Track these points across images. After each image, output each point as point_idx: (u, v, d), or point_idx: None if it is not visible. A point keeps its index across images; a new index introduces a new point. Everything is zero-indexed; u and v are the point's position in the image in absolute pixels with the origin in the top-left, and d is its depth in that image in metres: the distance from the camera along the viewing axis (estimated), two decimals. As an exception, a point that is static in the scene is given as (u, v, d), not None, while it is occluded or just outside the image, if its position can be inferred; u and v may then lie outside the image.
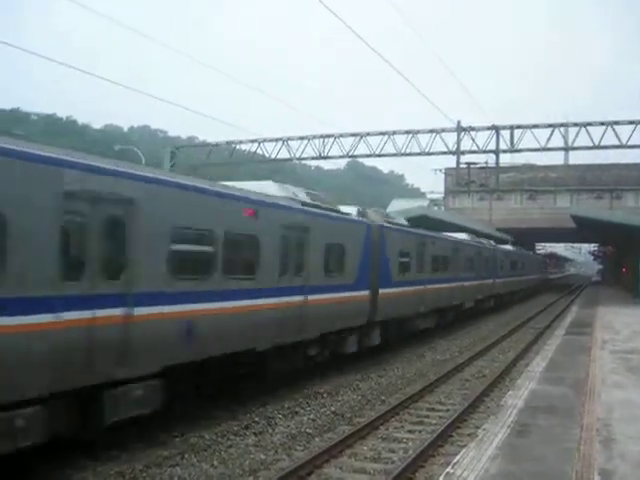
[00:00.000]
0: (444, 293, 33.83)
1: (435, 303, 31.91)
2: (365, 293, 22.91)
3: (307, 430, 14.81)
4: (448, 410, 17.27)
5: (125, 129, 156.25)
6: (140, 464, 11.86)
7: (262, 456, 12.79)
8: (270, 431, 14.61)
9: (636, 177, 74.69)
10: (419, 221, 42.80)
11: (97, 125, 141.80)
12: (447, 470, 9.66)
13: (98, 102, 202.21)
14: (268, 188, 18.46)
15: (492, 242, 50.21)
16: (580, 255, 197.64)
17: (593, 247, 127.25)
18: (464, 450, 10.83)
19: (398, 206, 76.95)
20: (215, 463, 12.26)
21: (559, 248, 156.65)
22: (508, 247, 59.62)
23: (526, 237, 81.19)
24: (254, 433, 14.36)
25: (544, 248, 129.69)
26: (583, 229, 60.54)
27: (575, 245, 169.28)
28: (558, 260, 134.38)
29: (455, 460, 10.18)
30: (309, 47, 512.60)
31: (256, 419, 15.37)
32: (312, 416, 16.03)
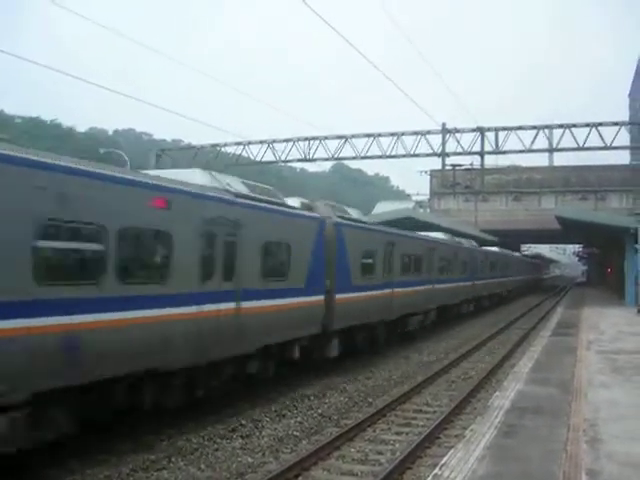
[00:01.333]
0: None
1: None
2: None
3: (294, 433, 14.79)
4: (435, 411, 17.27)
5: (110, 132, 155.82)
6: (127, 468, 11.83)
7: (249, 459, 12.77)
8: (257, 434, 14.58)
9: (620, 178, 75.05)
10: (404, 223, 42.86)
11: (82, 128, 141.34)
12: (435, 472, 9.66)
13: (82, 105, 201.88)
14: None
15: (473, 242, 48.95)
16: (565, 256, 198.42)
17: (578, 248, 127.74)
18: (451, 451, 10.83)
19: (383, 208, 77.09)
20: (202, 466, 12.23)
21: (544, 249, 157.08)
22: (491, 248, 59.70)
23: (511, 238, 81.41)
24: (241, 436, 14.33)
25: (529, 249, 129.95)
26: (568, 230, 60.72)
27: (560, 246, 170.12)
28: (543, 261, 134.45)
29: (443, 461, 10.17)
30: (295, 49, 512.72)
31: (243, 422, 15.34)
32: (299, 419, 16.02)
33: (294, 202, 21.01)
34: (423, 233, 37.24)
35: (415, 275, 31.22)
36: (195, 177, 15.75)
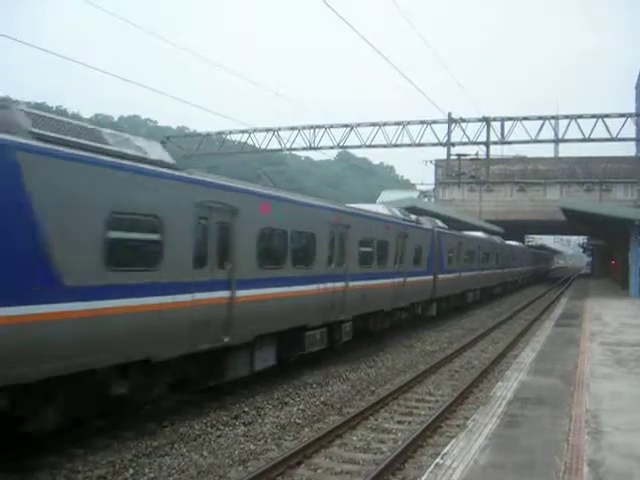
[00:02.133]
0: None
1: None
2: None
3: (297, 420, 14.83)
4: (437, 401, 17.30)
5: (115, 118, 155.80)
6: (130, 454, 11.88)
7: (251, 446, 12.81)
8: (259, 421, 14.61)
9: (626, 170, 74.81)
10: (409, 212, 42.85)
11: (87, 114, 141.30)
12: (437, 461, 9.68)
13: (88, 92, 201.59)
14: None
15: (439, 222, 44.92)
16: (569, 247, 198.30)
17: (582, 239, 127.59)
18: (454, 441, 10.85)
19: (388, 197, 76.96)
20: (205, 453, 12.28)
21: (548, 240, 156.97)
22: (475, 233, 59.45)
23: (516, 229, 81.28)
24: (243, 423, 14.37)
25: (533, 240, 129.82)
26: (573, 222, 60.58)
27: (564, 237, 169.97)
28: (548, 252, 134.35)
29: (445, 451, 10.19)
30: (299, 37, 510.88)
31: (245, 409, 15.38)
32: (302, 406, 16.05)
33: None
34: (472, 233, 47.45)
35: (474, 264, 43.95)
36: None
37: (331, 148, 52.80)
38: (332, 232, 20.84)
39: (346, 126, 50.05)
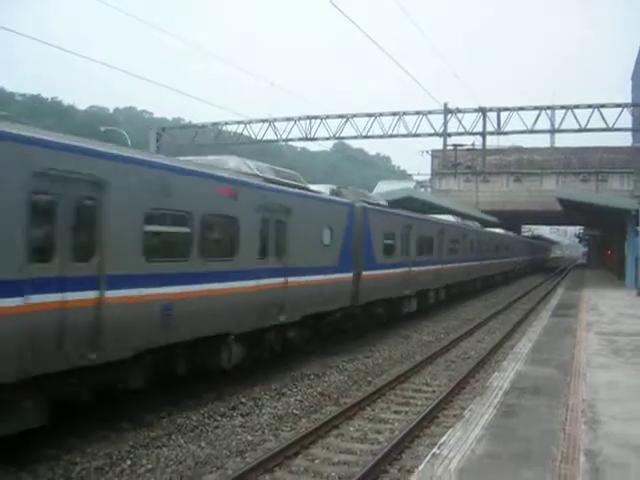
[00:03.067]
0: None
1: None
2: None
3: (294, 411, 14.86)
4: (434, 391, 17.33)
5: (111, 110, 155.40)
6: (127, 445, 11.89)
7: (249, 437, 12.83)
8: (257, 412, 14.63)
9: (622, 160, 74.80)
10: (404, 202, 42.82)
11: (82, 106, 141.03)
12: (433, 451, 9.70)
13: (83, 83, 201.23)
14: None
15: (477, 224, 45.43)
16: (566, 238, 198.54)
17: (579, 230, 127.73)
18: (450, 431, 10.88)
19: (384, 188, 76.91)
20: (202, 444, 12.29)
21: (544, 230, 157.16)
22: (500, 231, 59.23)
23: (512, 220, 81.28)
24: (241, 414, 14.38)
25: (530, 231, 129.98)
26: (569, 212, 60.61)
27: (560, 228, 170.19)
28: (544, 242, 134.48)
29: (441, 441, 10.22)
30: (296, 28, 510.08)
31: (243, 400, 15.39)
32: (299, 397, 16.08)
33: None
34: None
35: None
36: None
37: (327, 139, 52.93)
38: None
39: (342, 117, 50.11)
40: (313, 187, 21.99)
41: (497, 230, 59.96)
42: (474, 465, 8.96)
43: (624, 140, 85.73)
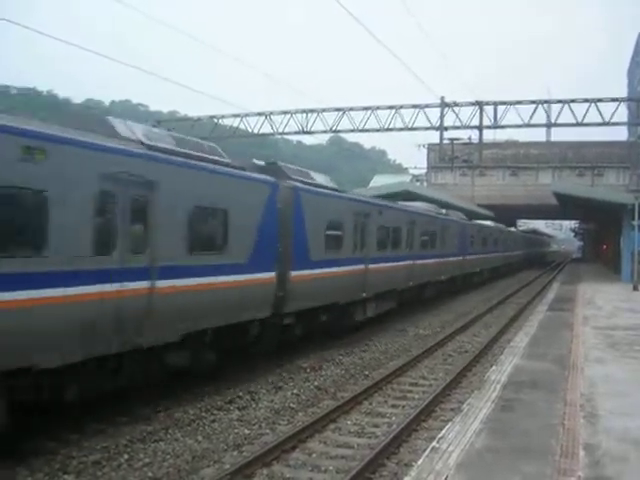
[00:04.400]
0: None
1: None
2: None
3: (291, 405, 14.84)
4: (431, 385, 17.31)
5: (106, 103, 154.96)
6: (124, 439, 11.84)
7: (246, 431, 12.80)
8: (254, 406, 14.60)
9: (617, 154, 74.95)
10: (401, 196, 42.77)
11: (78, 99, 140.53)
12: (433, 444, 9.67)
13: (79, 76, 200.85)
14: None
15: (462, 215, 44.05)
16: (561, 232, 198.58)
17: (574, 224, 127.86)
18: (449, 425, 10.84)
19: (380, 182, 76.96)
20: (199, 438, 12.27)
21: (540, 225, 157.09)
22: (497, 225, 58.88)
23: (508, 214, 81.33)
24: (238, 408, 14.36)
25: (525, 225, 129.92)
26: (565, 206, 60.63)
27: (556, 222, 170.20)
28: (539, 236, 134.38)
29: (440, 435, 10.19)
30: (295, 22, 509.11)
31: (240, 394, 15.36)
32: (296, 391, 16.06)
33: None
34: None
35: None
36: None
37: (323, 132, 52.70)
38: None
39: (339, 110, 49.94)
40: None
41: (487, 223, 58.84)
42: (473, 459, 8.92)
43: (620, 135, 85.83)
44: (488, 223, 59.56)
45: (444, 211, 41.76)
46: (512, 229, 79.48)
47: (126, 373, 12.87)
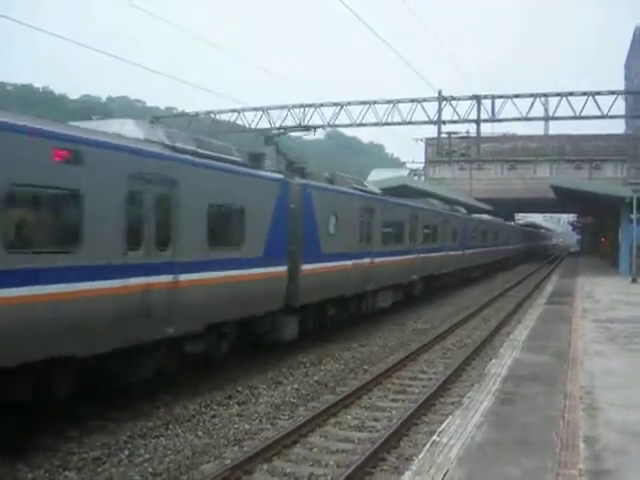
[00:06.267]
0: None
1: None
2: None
3: (291, 399, 14.84)
4: (430, 379, 17.32)
5: (103, 99, 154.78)
6: (124, 435, 11.84)
7: (246, 426, 12.81)
8: (254, 401, 14.61)
9: (615, 148, 75.00)
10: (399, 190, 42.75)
11: (74, 96, 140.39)
12: (433, 438, 9.67)
13: (75, 73, 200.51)
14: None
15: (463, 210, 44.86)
16: (559, 225, 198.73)
17: (572, 217, 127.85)
18: (450, 418, 10.85)
19: (378, 176, 76.89)
20: (199, 433, 12.27)
21: (538, 218, 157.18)
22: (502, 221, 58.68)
23: (506, 207, 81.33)
24: (237, 403, 14.36)
25: (523, 218, 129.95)
26: (563, 199, 60.67)
27: (554, 215, 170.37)
28: (538, 230, 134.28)
29: (441, 428, 10.19)
30: (295, 17, 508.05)
31: (239, 389, 15.37)
32: (295, 386, 16.07)
33: None
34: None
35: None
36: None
37: (321, 127, 52.60)
38: None
39: (336, 105, 49.84)
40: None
41: (485, 216, 58.69)
42: (474, 453, 8.92)
43: (618, 128, 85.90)
44: (487, 217, 59.69)
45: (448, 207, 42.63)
46: (511, 223, 79.53)
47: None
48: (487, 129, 64.16)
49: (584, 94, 43.02)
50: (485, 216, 59.39)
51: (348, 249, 22.92)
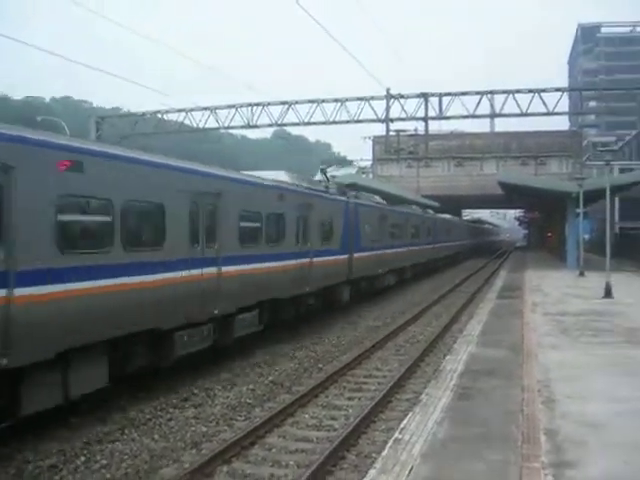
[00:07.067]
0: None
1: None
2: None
3: (247, 400, 14.73)
4: (385, 376, 17.32)
5: (47, 100, 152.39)
6: (80, 441, 11.62)
7: (203, 428, 12.67)
8: (210, 403, 14.48)
9: (560, 144, 75.97)
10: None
11: (17, 96, 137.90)
12: (395, 435, 9.63)
13: (17, 73, 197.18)
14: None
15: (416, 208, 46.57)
16: (505, 221, 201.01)
17: (519, 213, 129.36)
18: (410, 415, 10.83)
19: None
20: (156, 437, 12.10)
21: (484, 214, 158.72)
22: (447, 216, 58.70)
23: (454, 204, 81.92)
24: (193, 405, 14.22)
25: (470, 215, 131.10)
26: (510, 195, 61.28)
27: (500, 211, 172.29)
28: (484, 225, 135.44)
29: (402, 425, 10.16)
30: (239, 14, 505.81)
31: (195, 391, 15.23)
32: (251, 386, 15.96)
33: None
34: None
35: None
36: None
37: (269, 126, 52.57)
38: None
39: (284, 103, 49.85)
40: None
41: (447, 216, 58.85)
42: (438, 449, 8.91)
43: (563, 124, 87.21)
44: (447, 216, 62.78)
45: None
46: (455, 219, 79.87)
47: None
48: (435, 127, 64.49)
49: (530, 91, 43.57)
50: (447, 215, 60.14)
51: (374, 244, 33.25)
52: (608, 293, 27.64)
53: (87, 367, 12.15)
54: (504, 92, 44.25)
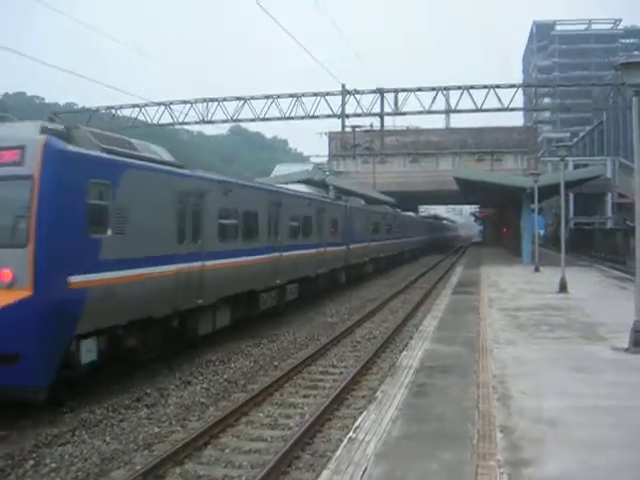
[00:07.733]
0: None
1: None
2: None
3: (201, 400, 14.54)
4: (341, 373, 17.22)
5: (0, 96, 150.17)
6: (29, 444, 11.32)
7: (156, 429, 12.45)
8: (163, 402, 14.25)
9: (515, 139, 76.51)
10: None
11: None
12: (350, 435, 9.51)
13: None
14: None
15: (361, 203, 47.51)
16: (461, 217, 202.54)
17: (474, 208, 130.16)
18: (365, 413, 10.71)
19: (282, 171, 76.68)
20: (107, 439, 11.84)
21: (440, 210, 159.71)
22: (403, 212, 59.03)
23: (410, 200, 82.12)
24: (146, 405, 13.97)
25: (426, 211, 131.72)
26: (465, 191, 61.56)
27: (456, 207, 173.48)
28: (439, 221, 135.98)
29: (357, 424, 10.04)
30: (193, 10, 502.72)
31: (147, 391, 14.97)
32: (205, 385, 15.76)
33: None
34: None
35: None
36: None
37: (225, 122, 52.34)
38: None
39: (239, 99, 49.65)
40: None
41: (410, 213, 59.42)
42: (392, 448, 8.80)
43: (518, 120, 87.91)
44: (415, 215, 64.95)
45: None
46: (410, 214, 79.90)
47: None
48: (390, 123, 64.77)
49: (485, 87, 43.81)
50: (409, 212, 60.69)
51: (363, 238, 41.88)
52: (563, 288, 27.81)
53: (223, 311, 20.14)
54: (459, 88, 44.53)
